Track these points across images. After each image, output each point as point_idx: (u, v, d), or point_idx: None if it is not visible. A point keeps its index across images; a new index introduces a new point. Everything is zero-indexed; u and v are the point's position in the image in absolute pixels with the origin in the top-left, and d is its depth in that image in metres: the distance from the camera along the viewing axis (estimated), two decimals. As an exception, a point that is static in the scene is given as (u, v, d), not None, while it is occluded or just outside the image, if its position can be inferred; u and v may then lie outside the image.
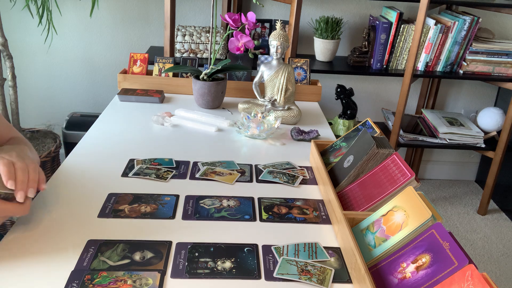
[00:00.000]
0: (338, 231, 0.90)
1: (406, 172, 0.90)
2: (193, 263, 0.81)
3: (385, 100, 2.73)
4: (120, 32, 2.49)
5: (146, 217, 0.94)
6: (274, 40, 1.41)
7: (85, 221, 0.91)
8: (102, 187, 1.04)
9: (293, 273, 0.80)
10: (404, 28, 2.29)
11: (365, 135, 1.04)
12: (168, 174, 1.11)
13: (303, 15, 2.44)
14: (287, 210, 1.00)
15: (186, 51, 2.26)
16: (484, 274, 0.62)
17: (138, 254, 0.82)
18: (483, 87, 2.74)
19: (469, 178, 3.02)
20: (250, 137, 1.36)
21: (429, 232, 0.74)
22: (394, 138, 2.34)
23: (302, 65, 1.70)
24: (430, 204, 0.82)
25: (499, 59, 2.30)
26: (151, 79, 1.65)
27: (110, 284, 0.74)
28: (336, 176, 1.06)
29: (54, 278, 0.75)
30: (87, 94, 2.62)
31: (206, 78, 1.51)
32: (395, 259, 0.76)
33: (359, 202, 0.94)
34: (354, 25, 2.54)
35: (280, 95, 1.45)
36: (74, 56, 2.53)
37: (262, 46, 2.38)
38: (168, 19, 1.96)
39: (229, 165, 1.18)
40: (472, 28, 2.23)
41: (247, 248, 0.86)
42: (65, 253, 0.82)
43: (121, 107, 1.52)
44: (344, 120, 2.38)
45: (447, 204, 2.72)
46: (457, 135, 2.39)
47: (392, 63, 2.37)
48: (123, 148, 1.24)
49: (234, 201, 1.02)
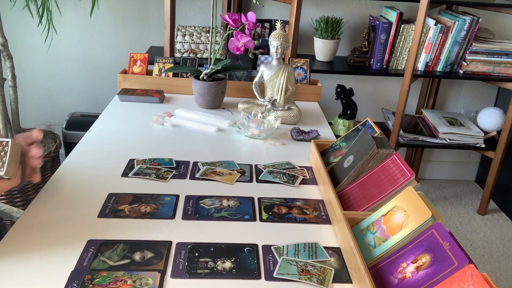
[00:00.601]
0: (338, 231, 0.90)
1: (406, 172, 0.90)
2: (193, 263, 0.81)
3: (385, 100, 2.73)
4: (120, 32, 2.49)
5: (146, 217, 0.94)
6: (274, 40, 1.41)
7: (85, 221, 0.91)
8: (102, 187, 1.04)
9: (293, 273, 0.80)
10: (404, 28, 2.29)
11: (365, 135, 1.04)
12: (168, 174, 1.11)
13: (303, 15, 2.44)
14: (287, 210, 1.00)
15: (186, 51, 2.26)
16: (484, 274, 0.62)
17: (138, 254, 0.82)
18: (483, 87, 2.74)
19: (469, 178, 3.02)
20: (250, 137, 1.36)
21: (429, 232, 0.74)
22: (394, 138, 2.34)
23: (302, 65, 1.70)
24: (430, 204, 0.82)
25: (499, 59, 2.30)
26: (151, 79, 1.65)
27: (110, 284, 0.74)
28: (336, 176, 1.06)
29: (54, 278, 0.75)
30: (87, 94, 2.62)
31: (206, 78, 1.51)
32: (395, 259, 0.76)
33: (359, 202, 0.94)
34: (354, 25, 2.54)
35: (280, 95, 1.45)
36: (74, 56, 2.53)
37: (262, 46, 2.38)
38: (168, 19, 1.96)
39: (229, 165, 1.18)
40: (472, 28, 2.23)
41: (247, 248, 0.86)
42: (65, 253, 0.82)
43: (121, 107, 1.52)
44: (344, 120, 2.38)
45: (447, 204, 2.72)
46: (457, 135, 2.39)
47: (392, 63, 2.37)
48: (123, 148, 1.24)
49: (234, 201, 1.02)
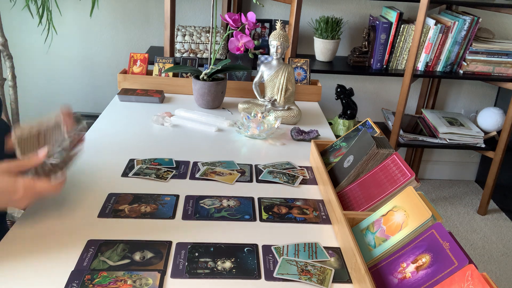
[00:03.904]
0: (338, 231, 0.90)
1: (406, 172, 0.90)
2: (193, 263, 0.81)
3: (385, 100, 2.73)
4: (120, 32, 2.49)
5: (146, 217, 0.94)
6: (274, 40, 1.41)
7: (85, 221, 0.91)
8: (102, 187, 1.04)
9: (293, 273, 0.80)
10: (404, 28, 2.29)
11: (365, 135, 1.04)
12: (168, 174, 1.11)
13: (303, 15, 2.44)
14: (287, 210, 1.00)
15: (186, 51, 2.26)
16: (484, 274, 0.62)
17: (138, 254, 0.82)
18: (483, 87, 2.74)
19: (469, 178, 3.02)
20: (250, 137, 1.36)
21: (429, 232, 0.74)
22: (394, 138, 2.34)
23: (302, 65, 1.70)
24: (430, 204, 0.82)
25: (499, 59, 2.30)
26: (151, 79, 1.65)
27: (110, 284, 0.74)
28: (336, 176, 1.06)
29: (54, 278, 0.75)
30: (87, 94, 2.62)
31: (206, 78, 1.51)
32: (395, 259, 0.76)
33: (359, 202, 0.94)
34: (354, 25, 2.54)
35: (280, 95, 1.45)
36: (74, 56, 2.53)
37: (262, 46, 2.38)
38: (168, 19, 1.96)
39: (229, 165, 1.18)
40: (472, 28, 2.23)
41: (247, 248, 0.86)
42: (65, 253, 0.82)
43: (121, 107, 1.52)
44: (344, 120, 2.38)
45: (447, 204, 2.72)
46: (457, 135, 2.39)
47: (392, 63, 2.37)
48: (123, 148, 1.24)
49: (234, 201, 1.02)
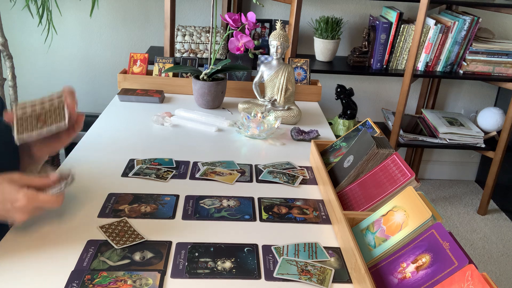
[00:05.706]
0: (338, 231, 0.90)
1: (406, 172, 0.90)
2: (193, 263, 0.81)
3: (385, 100, 2.73)
4: (120, 32, 2.49)
5: (146, 217, 0.94)
6: (274, 40, 1.41)
7: (85, 221, 0.91)
8: (102, 187, 1.04)
9: (293, 273, 0.80)
10: (404, 28, 2.29)
11: (365, 135, 1.04)
12: (168, 174, 1.11)
13: (303, 15, 2.44)
14: (287, 210, 1.00)
15: (186, 51, 2.26)
16: (484, 274, 0.62)
17: (138, 254, 0.82)
18: (483, 87, 2.74)
19: (469, 178, 3.02)
20: (250, 137, 1.36)
21: (429, 232, 0.74)
22: (394, 138, 2.34)
23: (302, 65, 1.70)
24: (430, 204, 0.82)
25: (499, 59, 2.30)
26: (151, 79, 1.65)
27: (110, 284, 0.74)
28: (336, 176, 1.06)
29: (54, 278, 0.75)
30: (87, 94, 2.62)
31: (206, 78, 1.51)
32: (395, 259, 0.76)
33: (359, 202, 0.94)
34: (354, 25, 2.54)
35: (280, 95, 1.45)
36: (74, 56, 2.53)
37: (262, 46, 2.38)
38: (168, 19, 1.96)
39: (229, 165, 1.18)
40: (472, 28, 2.23)
41: (247, 248, 0.86)
42: (65, 253, 0.82)
43: (121, 107, 1.52)
44: (344, 120, 2.38)
45: (447, 204, 2.72)
46: (457, 135, 2.39)
47: (392, 63, 2.37)
48: (123, 148, 1.24)
49: (234, 201, 1.02)
